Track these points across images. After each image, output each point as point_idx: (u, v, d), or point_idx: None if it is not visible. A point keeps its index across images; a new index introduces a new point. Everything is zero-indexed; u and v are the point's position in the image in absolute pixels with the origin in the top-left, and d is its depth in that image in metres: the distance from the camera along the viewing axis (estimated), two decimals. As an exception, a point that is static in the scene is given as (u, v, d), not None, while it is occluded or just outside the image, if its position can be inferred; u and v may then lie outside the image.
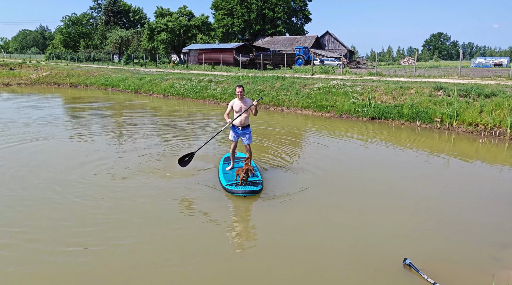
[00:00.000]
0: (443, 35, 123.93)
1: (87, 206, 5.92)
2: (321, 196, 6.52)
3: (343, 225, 5.43)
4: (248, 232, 5.40)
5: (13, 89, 28.37)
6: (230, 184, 6.57)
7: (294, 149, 9.99)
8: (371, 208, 6.06)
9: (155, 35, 51.45)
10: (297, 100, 16.83)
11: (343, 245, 4.86)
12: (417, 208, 6.07)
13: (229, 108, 7.06)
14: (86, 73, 32.26)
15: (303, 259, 4.53)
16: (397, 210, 6.01)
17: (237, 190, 6.34)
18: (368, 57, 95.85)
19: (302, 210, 5.93)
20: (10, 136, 10.80)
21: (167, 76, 25.43)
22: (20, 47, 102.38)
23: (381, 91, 15.21)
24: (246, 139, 7.18)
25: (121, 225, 5.33)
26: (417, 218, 5.70)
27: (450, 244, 4.92)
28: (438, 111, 12.80)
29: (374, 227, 5.37)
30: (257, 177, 6.93)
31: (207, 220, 5.62)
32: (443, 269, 4.30)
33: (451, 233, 5.22)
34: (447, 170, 8.52)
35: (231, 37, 63.52)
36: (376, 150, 9.97)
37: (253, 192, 6.34)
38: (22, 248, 4.66)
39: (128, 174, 7.50)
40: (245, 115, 7.02)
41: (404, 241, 5.00)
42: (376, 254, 4.61)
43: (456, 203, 6.32)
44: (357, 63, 46.49)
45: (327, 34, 63.02)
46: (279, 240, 4.99)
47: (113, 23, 68.73)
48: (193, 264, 4.39)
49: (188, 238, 5.03)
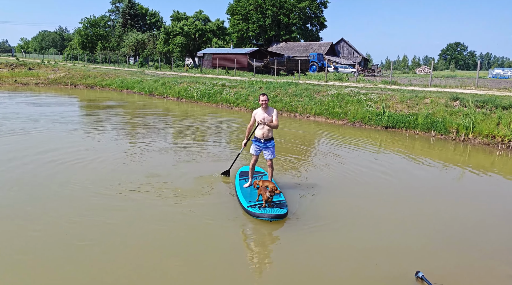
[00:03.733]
0: (460, 45, 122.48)
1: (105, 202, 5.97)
2: (329, 205, 6.44)
3: (352, 236, 5.35)
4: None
5: (31, 88, 28.97)
6: (252, 206, 5.76)
7: (306, 159, 9.93)
8: (383, 219, 5.96)
9: (171, 39, 52.12)
10: (310, 107, 16.77)
11: (354, 255, 4.78)
12: (430, 221, 5.95)
13: (252, 119, 6.48)
14: (102, 74, 32.76)
15: (310, 269, 4.47)
16: (410, 222, 5.89)
17: (261, 214, 5.53)
18: (383, 65, 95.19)
19: (310, 223, 5.86)
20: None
21: (181, 80, 25.64)
22: (40, 48, 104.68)
23: (395, 100, 15.05)
24: (269, 154, 6.45)
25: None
26: (430, 231, 5.58)
27: (464, 259, 4.80)
28: (454, 122, 12.60)
29: (386, 238, 5.28)
30: (279, 196, 6.14)
31: (228, 248, 4.92)
32: (456, 284, 4.19)
33: (465, 247, 5.09)
34: (462, 182, 8.36)
35: (245, 42, 63.82)
36: (389, 160, 9.83)
37: (280, 216, 5.52)
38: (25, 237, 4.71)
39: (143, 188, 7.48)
40: (267, 127, 6.36)
41: (416, 254, 4.89)
42: (388, 266, 4.52)
43: (472, 217, 6.18)
44: (371, 71, 46.18)
45: (342, 41, 62.85)
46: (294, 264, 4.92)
47: (130, 26, 69.86)
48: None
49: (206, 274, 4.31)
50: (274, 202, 5.86)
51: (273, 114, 6.28)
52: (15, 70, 34.94)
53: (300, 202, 6.43)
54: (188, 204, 6.18)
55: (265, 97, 6.26)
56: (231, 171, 7.57)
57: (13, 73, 33.81)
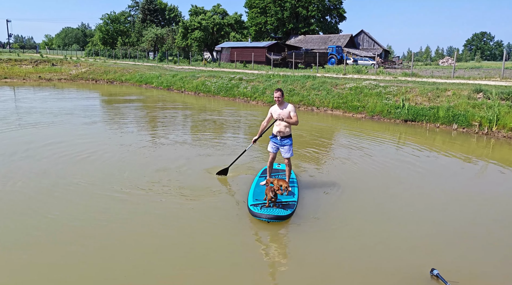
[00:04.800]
0: (487, 35, 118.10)
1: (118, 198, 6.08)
2: (344, 203, 6.34)
3: (367, 233, 5.25)
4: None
5: (54, 84, 29.75)
6: (255, 205, 5.51)
7: (326, 152, 9.82)
8: (399, 215, 5.84)
9: (189, 33, 52.38)
10: (327, 100, 16.56)
11: (367, 252, 4.70)
12: (448, 217, 5.79)
13: (269, 115, 6.25)
14: (122, 70, 33.30)
15: (324, 268, 4.42)
16: (427, 218, 5.74)
17: (260, 214, 5.29)
18: (404, 57, 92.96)
19: (324, 219, 5.80)
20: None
21: (199, 74, 25.77)
22: (63, 44, 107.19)
23: (415, 92, 14.67)
24: (286, 152, 6.18)
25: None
26: (447, 227, 5.43)
27: (483, 256, 4.64)
28: (477, 114, 12.18)
29: (402, 235, 5.16)
30: (293, 196, 5.86)
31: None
32: (473, 282, 4.06)
33: (485, 245, 4.92)
34: (484, 177, 8.09)
35: (263, 36, 63.44)
36: (408, 154, 9.60)
37: (279, 217, 5.23)
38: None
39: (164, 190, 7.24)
40: (285, 124, 6.14)
41: (432, 251, 4.77)
42: (402, 263, 4.43)
43: (491, 214, 5.97)
44: (392, 63, 45.13)
45: (362, 33, 61.64)
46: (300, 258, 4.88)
47: (149, 21, 70.60)
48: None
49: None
50: (282, 202, 5.58)
51: (290, 111, 5.98)
52: (39, 66, 35.95)
53: (321, 199, 6.34)
54: (197, 202, 6.08)
55: (278, 93, 5.94)
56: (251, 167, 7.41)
57: (37, 69, 34.80)
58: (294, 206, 5.57)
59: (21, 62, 36.48)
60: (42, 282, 4.03)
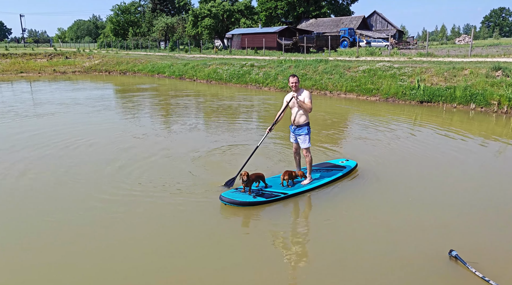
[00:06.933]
0: (505, 10, 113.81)
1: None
2: (363, 185, 6.30)
3: (386, 215, 5.22)
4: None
5: (69, 76, 30.12)
6: (239, 191, 5.59)
7: (339, 136, 9.74)
8: (417, 196, 5.77)
9: (199, 21, 52.06)
10: (340, 84, 16.34)
11: (386, 234, 4.68)
12: (466, 197, 5.70)
13: (284, 104, 5.90)
14: (134, 60, 33.45)
15: (341, 252, 4.43)
16: (445, 198, 5.66)
17: (222, 197, 5.40)
18: (419, 37, 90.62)
19: (345, 201, 5.78)
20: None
21: (210, 62, 25.70)
22: (75, 37, 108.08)
23: (431, 73, 14.33)
24: (301, 142, 5.92)
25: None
26: (466, 207, 5.35)
27: (502, 237, 4.56)
28: (496, 93, 11.85)
29: (420, 217, 5.11)
30: (290, 189, 5.71)
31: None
32: (493, 263, 4.01)
33: (504, 225, 4.84)
34: (504, 157, 7.90)
35: (274, 21, 62.55)
36: (425, 135, 9.43)
37: (233, 202, 5.28)
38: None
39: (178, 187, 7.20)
40: (300, 112, 5.83)
41: (450, 231, 4.71)
42: (421, 245, 4.39)
43: (510, 194, 5.85)
44: (406, 44, 44.04)
45: (375, 14, 60.19)
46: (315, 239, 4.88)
47: (159, 10, 70.35)
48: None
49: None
50: (263, 190, 5.61)
51: (306, 97, 5.75)
52: (53, 60, 36.41)
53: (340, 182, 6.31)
54: (202, 199, 5.63)
55: (295, 79, 5.70)
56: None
57: (51, 62, 35.25)
58: (270, 196, 5.46)
59: (36, 56, 36.99)
60: (42, 282, 3.92)
